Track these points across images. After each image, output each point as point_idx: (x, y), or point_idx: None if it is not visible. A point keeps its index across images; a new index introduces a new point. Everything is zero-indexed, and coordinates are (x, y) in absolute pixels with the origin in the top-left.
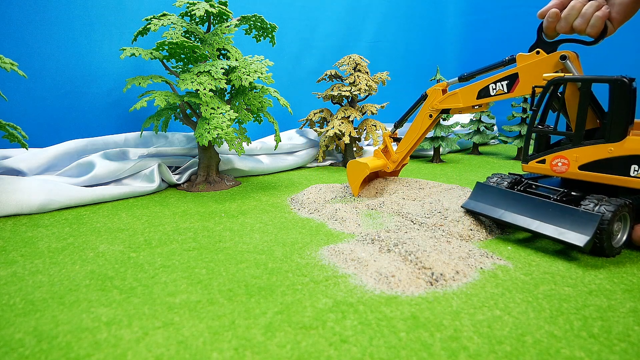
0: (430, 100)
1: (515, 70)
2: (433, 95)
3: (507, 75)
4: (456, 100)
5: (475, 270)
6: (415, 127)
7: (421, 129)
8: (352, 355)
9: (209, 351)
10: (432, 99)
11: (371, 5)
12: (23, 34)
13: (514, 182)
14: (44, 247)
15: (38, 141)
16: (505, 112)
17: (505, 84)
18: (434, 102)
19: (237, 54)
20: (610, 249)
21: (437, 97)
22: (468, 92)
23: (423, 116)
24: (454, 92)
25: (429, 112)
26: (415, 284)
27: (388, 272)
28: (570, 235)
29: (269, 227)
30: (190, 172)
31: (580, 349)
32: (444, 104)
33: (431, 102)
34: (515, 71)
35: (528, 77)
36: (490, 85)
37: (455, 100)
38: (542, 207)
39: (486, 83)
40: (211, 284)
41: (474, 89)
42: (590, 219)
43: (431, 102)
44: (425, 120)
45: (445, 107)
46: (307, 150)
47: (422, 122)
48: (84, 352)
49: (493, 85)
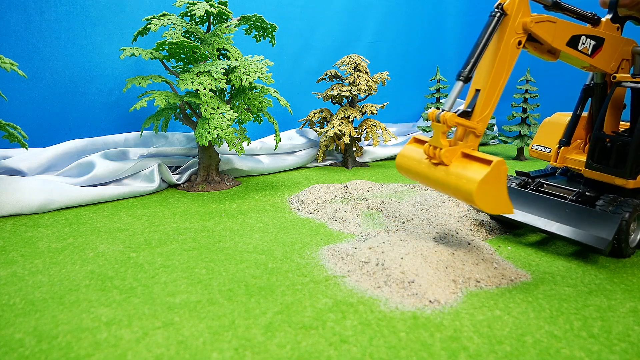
0: (515, 17)
1: (603, 34)
2: (519, 10)
3: (597, 35)
4: (552, 31)
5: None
6: (499, 67)
7: (509, 66)
8: (352, 355)
9: (209, 351)
10: (519, 16)
11: (371, 5)
12: (23, 34)
13: (523, 181)
14: (44, 247)
15: (38, 141)
16: (505, 112)
17: (592, 44)
18: (524, 19)
19: (237, 54)
20: (627, 249)
21: (527, 13)
22: (565, 29)
23: (509, 46)
24: (554, 19)
25: (517, 37)
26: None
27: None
28: (590, 237)
29: (269, 227)
30: (190, 172)
31: (580, 349)
32: (539, 27)
33: (518, 21)
34: (603, 35)
35: (609, 50)
36: (582, 36)
37: (551, 30)
38: (558, 208)
39: (581, 31)
40: (211, 284)
41: (570, 28)
42: (611, 220)
43: (518, 20)
44: (513, 52)
45: (538, 32)
46: (307, 150)
47: (509, 56)
48: (84, 352)
49: (584, 38)
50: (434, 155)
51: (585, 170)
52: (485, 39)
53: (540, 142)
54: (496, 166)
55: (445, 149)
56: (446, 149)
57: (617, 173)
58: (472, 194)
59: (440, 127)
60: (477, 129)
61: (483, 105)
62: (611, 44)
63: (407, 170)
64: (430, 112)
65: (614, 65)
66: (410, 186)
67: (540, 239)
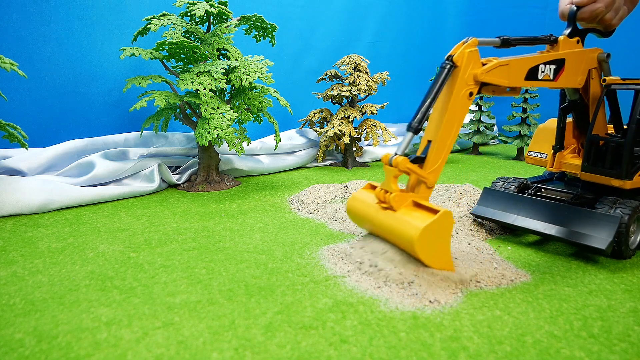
0: (465, 70)
1: (562, 54)
2: (469, 62)
3: (555, 58)
4: (506, 73)
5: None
6: (450, 119)
7: (460, 118)
8: (352, 355)
9: (209, 351)
10: (469, 68)
11: (371, 5)
12: (23, 34)
13: (521, 186)
14: (44, 247)
15: (38, 141)
16: (505, 112)
17: (553, 68)
18: (474, 71)
19: (237, 54)
20: (627, 250)
21: (477, 64)
22: (520, 66)
23: (459, 98)
24: (505, 62)
25: (467, 88)
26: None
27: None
28: (590, 238)
29: (269, 227)
30: (190, 172)
31: (580, 349)
32: (490, 76)
33: (468, 73)
34: (562, 56)
35: (573, 67)
36: (540, 65)
37: (504, 73)
38: (558, 211)
39: (538, 61)
40: (211, 284)
41: (525, 63)
42: (610, 221)
43: (468, 72)
44: (464, 104)
45: (491, 80)
46: (307, 150)
47: (460, 108)
48: (84, 352)
49: (543, 67)
50: (384, 199)
51: (582, 174)
52: (436, 91)
53: (536, 149)
54: (442, 216)
55: (395, 193)
56: (396, 194)
57: (614, 174)
58: (413, 241)
59: (392, 171)
60: (427, 180)
61: (434, 156)
62: (573, 60)
63: (355, 214)
64: (383, 155)
65: (582, 79)
66: None
67: (540, 239)
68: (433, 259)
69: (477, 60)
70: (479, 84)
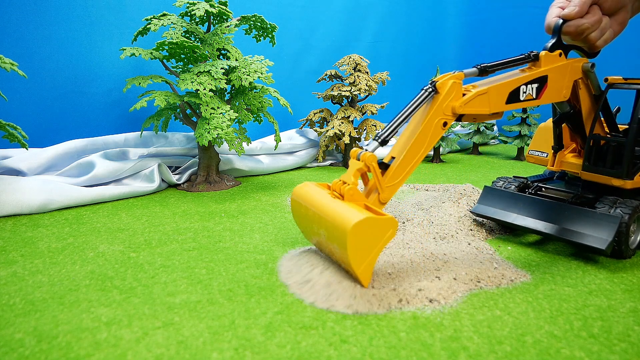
0: (445, 99)
1: (544, 71)
2: (450, 92)
3: (537, 77)
4: (486, 101)
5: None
6: (418, 142)
7: (429, 143)
8: (352, 355)
9: (209, 351)
10: (449, 98)
11: (371, 5)
12: (23, 34)
13: (521, 185)
14: (44, 247)
15: (38, 141)
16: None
17: (535, 87)
18: (453, 102)
19: (237, 54)
20: (627, 250)
21: (458, 96)
22: (499, 91)
23: (433, 124)
24: (483, 91)
25: (443, 118)
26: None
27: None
28: (590, 238)
29: (269, 227)
30: (190, 172)
31: (580, 349)
32: (469, 107)
33: (447, 103)
34: (544, 73)
35: (556, 82)
36: (522, 87)
37: (484, 101)
38: (558, 210)
39: (518, 83)
40: (211, 284)
41: (504, 88)
42: (610, 221)
43: (447, 102)
44: (436, 131)
45: (470, 111)
46: (307, 150)
47: (430, 134)
48: (84, 352)
49: (524, 88)
50: (339, 189)
51: (583, 173)
52: (411, 110)
53: (536, 148)
54: (386, 220)
55: (353, 186)
56: (353, 187)
57: (614, 174)
58: (347, 230)
59: (357, 165)
60: (382, 193)
61: (394, 173)
62: (556, 75)
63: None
64: (352, 150)
65: (566, 92)
66: (410, 186)
67: (540, 239)
68: (357, 259)
69: (458, 93)
70: (456, 116)
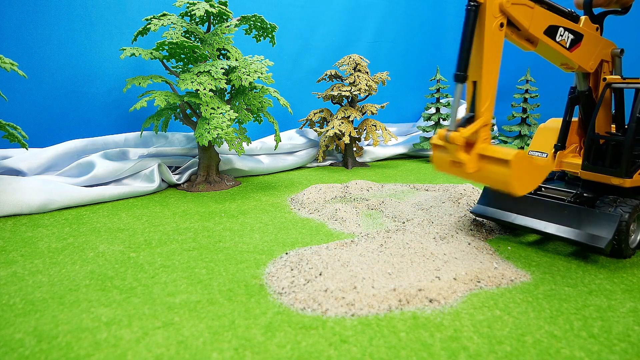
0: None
1: (582, 30)
2: None
3: (575, 29)
4: (529, 16)
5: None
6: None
7: (497, 52)
8: (352, 355)
9: (209, 351)
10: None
11: (371, 5)
12: (23, 34)
13: None
14: (44, 247)
15: (38, 141)
16: (505, 112)
17: (571, 38)
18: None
19: (237, 54)
20: (627, 249)
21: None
22: (543, 16)
23: (491, 31)
24: (532, 4)
25: (497, 20)
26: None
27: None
28: (590, 237)
29: (269, 227)
30: (190, 172)
31: (580, 349)
32: (515, 9)
33: (493, 4)
34: (582, 31)
35: (588, 47)
36: (560, 28)
37: (528, 15)
38: (557, 210)
39: (560, 22)
40: (211, 284)
41: (549, 16)
42: (610, 220)
43: (493, 4)
44: (498, 36)
45: (515, 15)
46: (307, 150)
47: (494, 42)
48: (84, 352)
49: (562, 30)
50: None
51: (582, 172)
52: (469, 33)
53: (536, 148)
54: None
55: (467, 162)
56: (468, 162)
57: (614, 173)
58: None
59: (453, 147)
60: (485, 121)
61: (483, 95)
62: (590, 41)
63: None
64: (438, 132)
65: (593, 64)
66: (410, 186)
67: (540, 239)
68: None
69: None
70: (504, 14)
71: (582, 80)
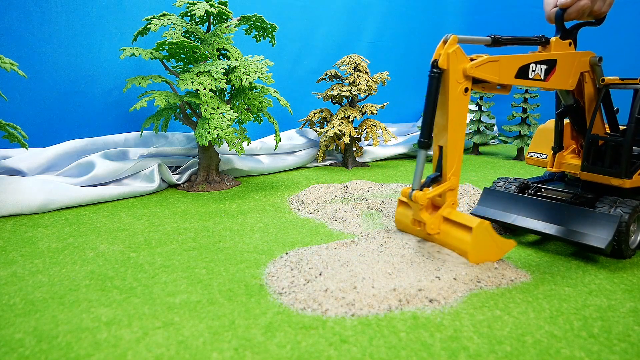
0: (453, 70)
1: (554, 55)
2: (454, 60)
3: (546, 59)
4: (496, 69)
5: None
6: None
7: (462, 116)
8: (352, 355)
9: (209, 351)
10: (457, 64)
11: (371, 5)
12: (23, 34)
13: (521, 186)
14: (44, 247)
15: (38, 141)
16: (505, 112)
17: (544, 69)
18: (463, 66)
19: (237, 54)
20: (627, 250)
21: (465, 60)
22: (510, 63)
23: (455, 97)
24: (495, 59)
25: (463, 84)
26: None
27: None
28: (589, 237)
29: (269, 227)
30: (190, 172)
31: (580, 349)
32: (480, 71)
33: (457, 69)
34: (554, 56)
35: (564, 68)
36: (532, 64)
37: (495, 69)
38: (557, 210)
39: (529, 60)
40: (211, 284)
41: (516, 61)
42: (610, 220)
43: (456, 68)
44: (462, 101)
45: (481, 76)
46: (307, 150)
47: (459, 107)
48: (84, 352)
49: (534, 66)
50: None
51: (582, 173)
52: (433, 100)
53: (536, 149)
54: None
55: (429, 223)
56: (430, 223)
57: (613, 173)
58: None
59: (416, 206)
60: (451, 185)
61: (449, 160)
62: (565, 62)
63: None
64: (402, 190)
65: (573, 82)
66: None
67: (540, 239)
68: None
69: (462, 56)
70: (469, 78)
71: (566, 95)
